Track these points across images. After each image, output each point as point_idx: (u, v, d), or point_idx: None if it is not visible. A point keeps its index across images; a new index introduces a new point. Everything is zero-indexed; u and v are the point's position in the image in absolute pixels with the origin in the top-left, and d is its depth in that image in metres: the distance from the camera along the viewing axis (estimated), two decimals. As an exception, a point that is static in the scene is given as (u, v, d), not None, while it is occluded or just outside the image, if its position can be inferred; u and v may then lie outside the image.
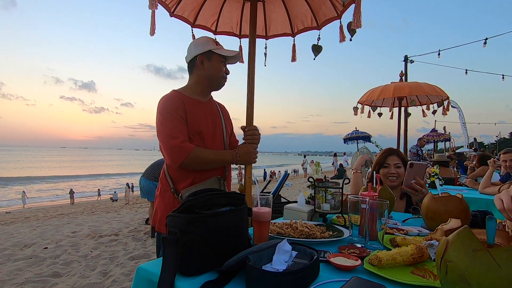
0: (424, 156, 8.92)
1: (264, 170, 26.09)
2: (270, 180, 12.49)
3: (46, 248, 4.18)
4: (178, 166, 1.46)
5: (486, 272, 0.53)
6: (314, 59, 2.05)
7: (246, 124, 1.79)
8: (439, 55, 11.24)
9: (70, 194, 16.41)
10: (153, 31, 1.77)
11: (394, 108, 5.20)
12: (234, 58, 1.68)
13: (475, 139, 20.84)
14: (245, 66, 1.84)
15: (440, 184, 1.83)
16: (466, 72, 12.39)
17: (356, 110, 4.96)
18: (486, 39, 9.89)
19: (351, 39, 1.89)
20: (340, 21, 1.94)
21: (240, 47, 2.30)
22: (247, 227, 0.98)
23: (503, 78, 12.17)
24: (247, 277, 0.74)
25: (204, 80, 1.62)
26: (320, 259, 0.86)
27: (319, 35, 2.08)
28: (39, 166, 50.23)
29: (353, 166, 2.27)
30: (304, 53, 2.15)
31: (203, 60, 1.59)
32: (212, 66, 1.59)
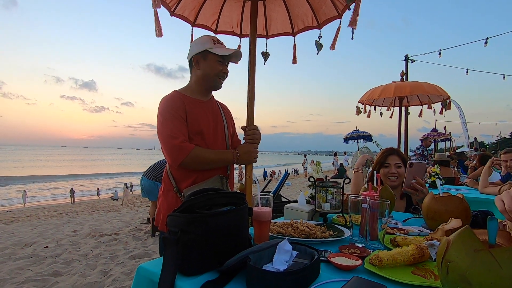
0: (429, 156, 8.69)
1: (264, 169, 26.10)
2: (270, 180, 12.49)
3: (47, 247, 4.18)
4: (178, 165, 1.47)
5: (488, 272, 0.53)
6: (317, 54, 2.04)
7: (246, 124, 1.79)
8: (440, 54, 11.23)
9: (70, 193, 16.44)
10: (159, 32, 1.78)
11: (395, 107, 5.20)
12: (235, 57, 1.64)
13: (475, 138, 20.82)
14: (245, 65, 1.84)
15: (440, 184, 1.83)
16: (467, 72, 12.38)
17: (358, 110, 4.96)
18: (487, 38, 9.87)
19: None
20: (340, 20, 1.94)
21: (239, 46, 2.30)
22: (248, 226, 0.98)
23: (504, 77, 12.15)
24: (247, 277, 0.74)
25: (200, 80, 1.62)
26: (320, 259, 0.86)
27: (320, 34, 2.08)
28: (40, 165, 50.28)
29: (353, 166, 2.27)
30: (305, 52, 2.15)
31: (199, 60, 1.59)
32: (207, 66, 1.58)
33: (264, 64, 2.34)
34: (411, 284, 0.76)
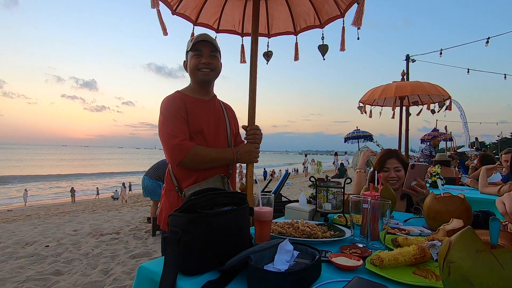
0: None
1: (264, 169, 26.10)
2: (271, 179, 12.49)
3: (48, 246, 4.19)
4: (178, 164, 1.47)
5: (489, 273, 0.53)
6: (324, 59, 2.05)
7: (247, 123, 1.78)
8: (441, 54, 11.21)
9: (71, 192, 16.47)
10: (165, 30, 1.83)
11: (396, 107, 5.19)
12: (204, 43, 1.56)
13: (476, 138, 20.77)
14: (246, 65, 1.83)
15: (441, 184, 1.82)
16: (468, 72, 12.36)
17: (361, 109, 4.95)
18: (488, 38, 9.86)
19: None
20: (343, 20, 1.94)
21: (242, 45, 2.29)
22: (249, 226, 0.98)
23: (505, 77, 12.13)
24: (248, 277, 0.74)
25: (192, 79, 1.65)
26: (321, 259, 0.86)
27: (322, 34, 2.07)
28: (41, 165, 50.37)
29: (354, 166, 2.27)
30: (306, 52, 2.14)
31: (185, 62, 1.66)
32: (189, 64, 1.61)
33: (267, 64, 2.33)
34: (413, 284, 0.76)
